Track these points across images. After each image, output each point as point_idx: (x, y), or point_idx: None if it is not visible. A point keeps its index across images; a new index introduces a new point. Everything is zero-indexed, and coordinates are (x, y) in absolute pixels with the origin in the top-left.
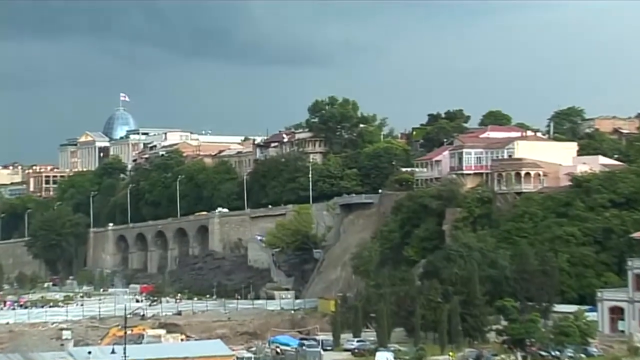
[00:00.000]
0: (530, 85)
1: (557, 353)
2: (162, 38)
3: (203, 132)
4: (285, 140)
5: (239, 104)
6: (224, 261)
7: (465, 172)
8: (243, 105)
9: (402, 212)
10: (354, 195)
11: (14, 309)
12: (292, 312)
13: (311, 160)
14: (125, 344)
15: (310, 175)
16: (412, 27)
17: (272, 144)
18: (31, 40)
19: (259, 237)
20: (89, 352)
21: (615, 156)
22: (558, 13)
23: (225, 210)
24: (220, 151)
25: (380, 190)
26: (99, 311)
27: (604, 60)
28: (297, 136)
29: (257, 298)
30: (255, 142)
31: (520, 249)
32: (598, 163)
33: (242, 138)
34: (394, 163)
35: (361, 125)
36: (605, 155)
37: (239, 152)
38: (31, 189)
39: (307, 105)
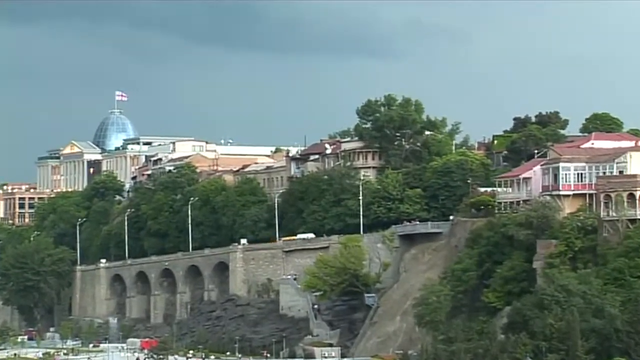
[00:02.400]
0: None
1: None
2: (171, 19)
3: (222, 141)
4: (329, 151)
5: (268, 104)
6: (249, 308)
7: (562, 192)
8: (274, 107)
9: (481, 244)
10: (417, 223)
11: None
12: None
13: (362, 178)
14: None
15: (361, 197)
16: (499, 7)
17: (312, 157)
18: None
19: (294, 278)
20: None
21: None
22: None
23: (250, 242)
24: (245, 166)
25: (451, 217)
26: None
27: None
28: (343, 146)
29: (293, 356)
30: (290, 155)
31: (634, 293)
32: None
33: (273, 149)
34: (469, 181)
35: (427, 133)
36: None
37: (268, 167)
38: (1, 214)
39: (357, 107)
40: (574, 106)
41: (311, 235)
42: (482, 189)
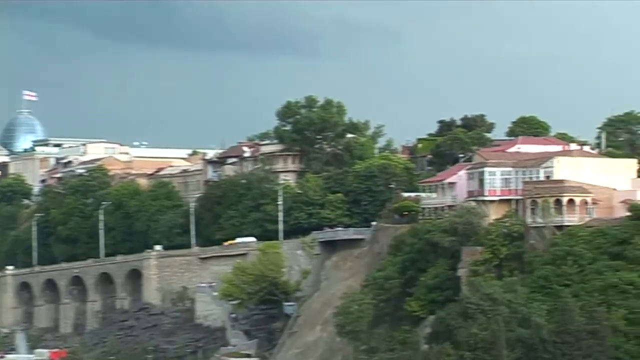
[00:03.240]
0: (576, 84)
1: None
2: (85, 15)
3: (136, 143)
4: (247, 155)
5: (185, 105)
6: (163, 317)
7: (488, 198)
8: (191, 108)
9: (404, 251)
10: (339, 229)
11: None
12: None
13: (282, 182)
14: None
15: (280, 202)
16: (430, 6)
17: (230, 160)
18: None
19: (210, 286)
20: None
21: None
22: None
23: (165, 249)
24: (159, 169)
25: (374, 223)
26: None
27: None
28: (262, 149)
29: None
30: (207, 158)
31: (561, 302)
32: None
33: (189, 152)
34: (392, 186)
35: (349, 136)
36: None
37: (184, 171)
38: None
39: (277, 109)
40: (500, 109)
41: (252, 239)
42: (406, 194)
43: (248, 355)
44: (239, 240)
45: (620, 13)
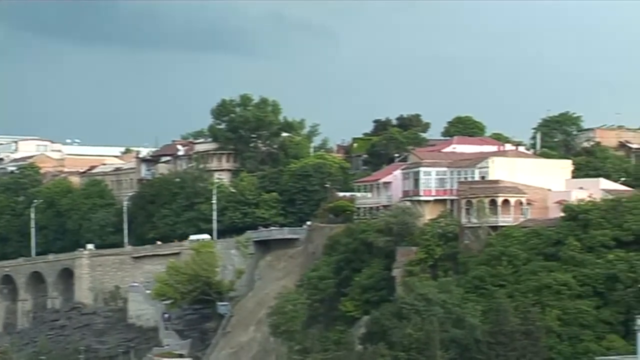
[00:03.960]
0: (512, 85)
1: None
2: (13, 10)
3: (68, 141)
4: (181, 153)
5: (118, 102)
6: (95, 317)
7: (423, 198)
8: (124, 105)
9: (338, 251)
10: (273, 228)
11: None
12: None
13: (216, 181)
14: None
15: (214, 201)
16: (367, 4)
17: (163, 159)
18: None
19: (143, 285)
20: None
21: (622, 179)
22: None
23: (97, 248)
24: (92, 167)
25: (308, 223)
26: None
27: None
28: (197, 148)
29: None
30: (140, 156)
31: (495, 303)
32: (599, 188)
33: (123, 150)
34: (327, 185)
35: (284, 135)
36: (608, 177)
37: (117, 169)
38: None
39: (211, 107)
40: (436, 109)
41: (207, 237)
42: (341, 194)
43: (181, 356)
44: (193, 237)
45: (557, 13)
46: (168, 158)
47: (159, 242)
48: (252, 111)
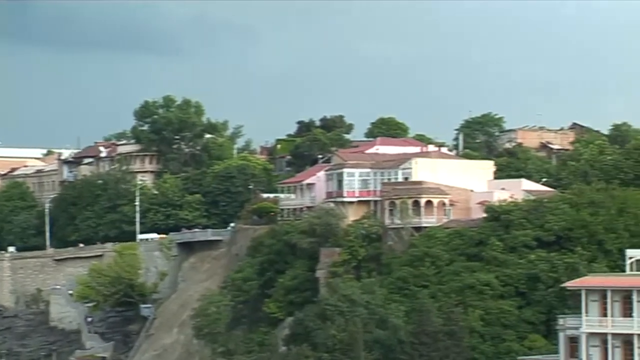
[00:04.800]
0: (435, 86)
1: None
2: None
3: None
4: (104, 155)
5: (39, 103)
6: (17, 320)
7: (346, 199)
8: (46, 106)
9: (262, 253)
10: (196, 230)
11: None
12: None
13: (139, 183)
14: None
15: (137, 203)
16: (291, 5)
17: (86, 160)
18: None
19: (65, 288)
20: None
21: (543, 180)
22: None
23: (19, 250)
24: (13, 169)
25: (232, 224)
26: None
27: (531, 57)
28: (119, 149)
29: None
30: (62, 158)
31: (418, 303)
32: (521, 189)
33: (44, 151)
34: (251, 187)
35: (207, 136)
36: (530, 178)
37: (39, 171)
38: None
39: (134, 108)
40: (359, 110)
41: (155, 236)
42: (265, 195)
43: (104, 358)
44: (142, 236)
45: (479, 14)
46: (90, 160)
47: (81, 245)
48: (175, 112)
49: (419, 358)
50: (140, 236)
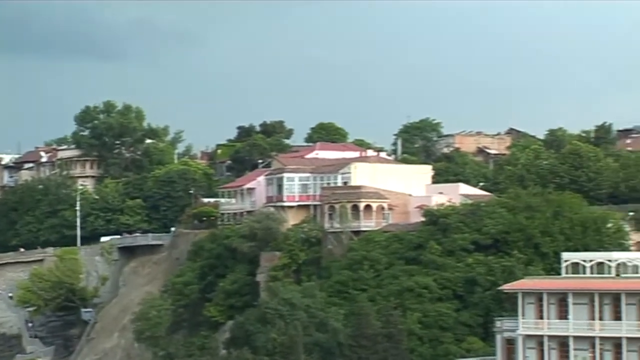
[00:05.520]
0: (374, 91)
1: None
2: None
3: None
4: (44, 159)
5: None
6: None
7: (286, 203)
8: None
9: (203, 257)
10: (137, 234)
11: None
12: None
13: (80, 188)
14: None
15: (78, 208)
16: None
17: (26, 165)
18: None
19: (6, 292)
20: None
21: (481, 184)
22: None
23: None
24: None
25: (173, 229)
26: None
27: (466, 62)
28: (60, 154)
29: None
30: (3, 163)
31: (357, 307)
32: (458, 193)
33: None
34: (191, 191)
35: (148, 141)
36: (467, 182)
37: None
38: None
39: (75, 113)
40: (299, 115)
41: (116, 237)
42: (205, 200)
43: None
44: (104, 239)
45: (417, 18)
46: (31, 165)
47: (22, 249)
48: (116, 118)
49: None
50: (103, 238)
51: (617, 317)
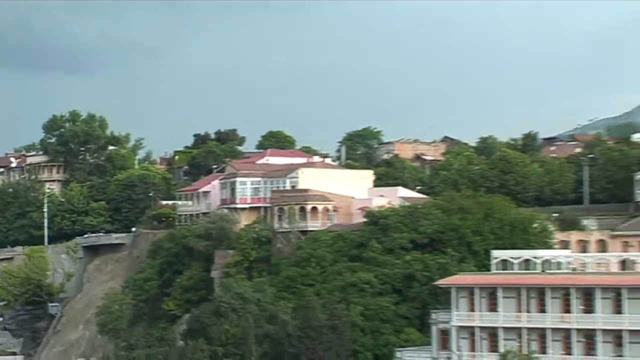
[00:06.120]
0: (319, 101)
1: None
2: None
3: None
4: (14, 165)
5: None
6: None
7: (239, 205)
8: None
9: (161, 255)
10: (101, 234)
11: None
12: None
13: (47, 191)
14: None
15: (45, 210)
16: (196, 23)
17: None
18: None
19: None
20: None
21: (418, 187)
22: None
23: None
24: None
25: (134, 229)
26: None
27: (404, 75)
28: (28, 160)
29: None
30: None
31: (305, 301)
32: (397, 196)
33: None
34: (151, 194)
35: (111, 148)
36: (406, 186)
37: None
38: None
39: (43, 122)
40: (251, 124)
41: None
42: (164, 202)
43: (14, 353)
44: (86, 236)
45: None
46: (1, 170)
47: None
48: (81, 126)
49: (305, 351)
50: (85, 236)
51: (542, 309)
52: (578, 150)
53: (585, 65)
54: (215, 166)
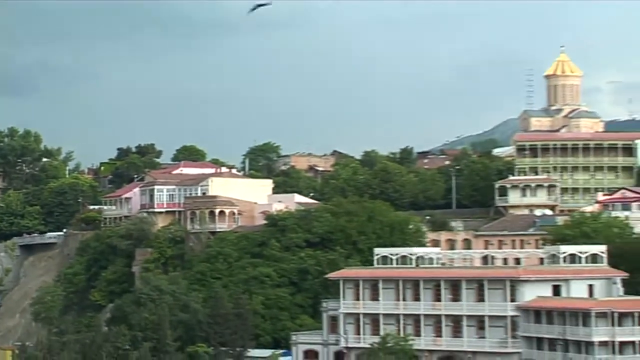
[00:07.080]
0: (226, 119)
1: None
2: None
3: None
4: None
5: None
6: None
7: (157, 210)
8: None
9: (89, 253)
10: (35, 235)
11: None
12: None
13: None
14: None
15: None
16: (130, 48)
17: None
18: None
19: None
20: None
21: (311, 194)
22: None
23: None
24: None
25: (64, 230)
26: None
27: (300, 98)
28: None
29: None
30: None
31: (213, 292)
32: (294, 201)
33: None
34: (80, 200)
35: (45, 159)
36: (300, 193)
37: None
38: None
39: None
40: (167, 138)
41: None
42: (91, 207)
43: None
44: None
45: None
46: None
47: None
48: (18, 141)
49: (213, 335)
50: (22, 236)
51: (417, 298)
52: (447, 162)
53: (452, 88)
54: (136, 176)
